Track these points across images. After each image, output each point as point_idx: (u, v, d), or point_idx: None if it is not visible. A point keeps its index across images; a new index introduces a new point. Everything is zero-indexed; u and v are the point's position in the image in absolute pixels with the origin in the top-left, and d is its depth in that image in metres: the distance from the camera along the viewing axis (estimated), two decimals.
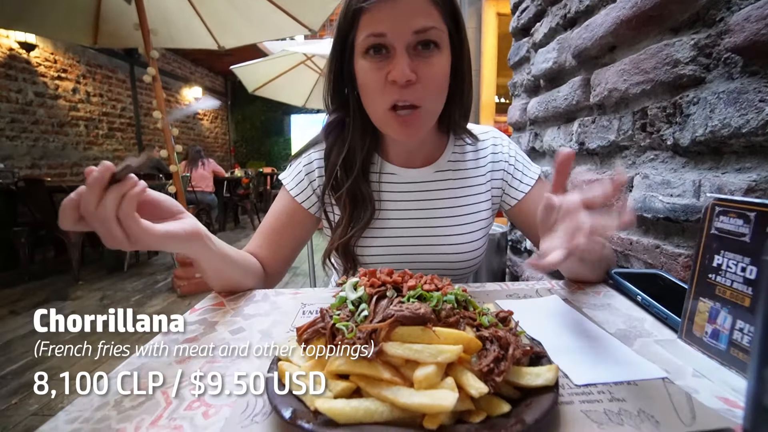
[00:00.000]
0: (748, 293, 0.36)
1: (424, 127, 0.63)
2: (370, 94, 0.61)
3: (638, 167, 0.76)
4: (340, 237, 0.67)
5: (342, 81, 0.65)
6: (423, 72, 0.57)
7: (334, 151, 0.69)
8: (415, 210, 0.70)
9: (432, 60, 0.58)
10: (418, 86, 0.57)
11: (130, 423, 0.31)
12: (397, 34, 0.56)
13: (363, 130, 0.67)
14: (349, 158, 0.68)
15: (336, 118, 0.69)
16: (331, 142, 0.70)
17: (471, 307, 0.36)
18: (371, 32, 0.56)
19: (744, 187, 0.52)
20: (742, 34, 0.52)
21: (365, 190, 0.68)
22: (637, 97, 0.74)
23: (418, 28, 0.56)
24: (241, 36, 3.58)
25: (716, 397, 0.33)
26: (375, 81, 0.58)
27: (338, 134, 0.70)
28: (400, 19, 0.55)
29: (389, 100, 0.58)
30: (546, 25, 1.12)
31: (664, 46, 0.65)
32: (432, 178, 0.71)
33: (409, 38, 0.56)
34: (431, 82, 0.58)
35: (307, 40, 6.42)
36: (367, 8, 0.56)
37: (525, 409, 0.29)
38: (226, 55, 5.52)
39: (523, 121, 1.36)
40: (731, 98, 0.54)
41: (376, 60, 0.58)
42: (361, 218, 0.68)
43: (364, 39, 0.57)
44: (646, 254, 0.72)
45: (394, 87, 0.57)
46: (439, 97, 0.62)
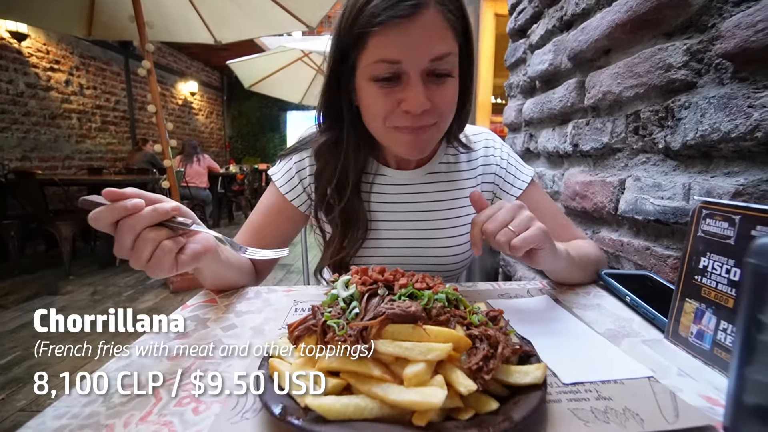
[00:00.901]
0: (732, 294, 0.37)
1: (431, 142, 0.61)
2: (376, 118, 0.57)
3: (630, 169, 0.77)
4: (333, 255, 0.66)
5: (339, 97, 0.61)
6: (437, 98, 0.55)
7: (327, 171, 0.66)
8: (406, 212, 0.70)
9: (445, 86, 0.55)
10: (431, 111, 0.55)
11: (119, 419, 0.31)
12: (412, 61, 0.51)
13: (357, 147, 0.64)
14: (342, 177, 0.65)
15: (328, 139, 0.65)
16: (323, 163, 0.66)
17: (461, 306, 0.36)
18: (383, 58, 0.52)
19: (732, 191, 0.53)
20: (733, 40, 0.52)
21: (358, 209, 0.66)
22: (630, 101, 0.75)
23: (435, 56, 0.52)
24: (238, 31, 3.55)
25: (700, 396, 0.34)
26: (384, 107, 0.55)
27: (331, 155, 0.65)
28: (416, 45, 0.51)
29: (398, 125, 0.56)
30: (542, 27, 1.13)
31: (658, 51, 0.66)
32: (423, 180, 0.71)
33: (424, 65, 0.52)
34: (444, 107, 0.57)
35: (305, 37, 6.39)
36: (377, 31, 0.50)
37: (513, 406, 0.29)
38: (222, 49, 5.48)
39: (518, 122, 1.37)
40: (721, 103, 0.54)
41: (386, 86, 0.54)
42: (354, 236, 0.67)
43: (373, 63, 0.53)
44: (637, 256, 0.73)
45: (406, 115, 0.54)
46: (450, 117, 0.61)
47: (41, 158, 4.39)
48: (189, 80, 7.52)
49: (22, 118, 4.15)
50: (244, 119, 9.17)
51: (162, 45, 6.50)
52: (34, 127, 4.30)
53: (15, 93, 4.06)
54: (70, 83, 4.77)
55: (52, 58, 4.50)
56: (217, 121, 8.84)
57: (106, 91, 5.37)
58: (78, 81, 4.89)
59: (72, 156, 4.80)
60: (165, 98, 6.76)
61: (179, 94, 7.30)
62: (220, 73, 8.75)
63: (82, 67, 4.95)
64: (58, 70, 4.59)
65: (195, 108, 7.86)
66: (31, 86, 4.25)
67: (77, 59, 4.87)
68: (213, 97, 8.61)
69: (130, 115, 5.87)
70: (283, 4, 3.17)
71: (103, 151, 5.29)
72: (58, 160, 4.62)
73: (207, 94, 8.30)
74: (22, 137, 4.16)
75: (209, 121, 8.45)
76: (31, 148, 4.26)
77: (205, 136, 8.25)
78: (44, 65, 4.40)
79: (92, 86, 5.12)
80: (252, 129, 9.20)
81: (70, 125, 4.78)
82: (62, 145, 4.68)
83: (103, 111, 5.33)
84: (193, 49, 7.17)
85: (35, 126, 4.31)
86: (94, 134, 5.15)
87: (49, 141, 4.50)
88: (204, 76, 8.20)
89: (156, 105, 2.85)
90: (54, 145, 4.56)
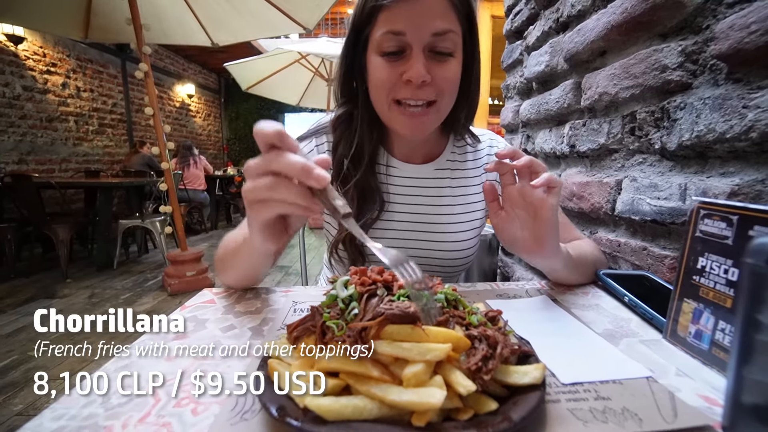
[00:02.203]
0: (730, 294, 0.37)
1: (431, 124, 0.63)
2: (380, 90, 0.61)
3: (627, 170, 0.77)
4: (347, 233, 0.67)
5: (352, 74, 0.66)
6: (437, 74, 0.58)
7: (342, 143, 0.69)
8: (414, 205, 0.72)
9: (447, 63, 0.59)
10: (431, 87, 0.58)
11: (118, 420, 0.31)
12: (415, 33, 0.56)
13: (371, 123, 0.68)
14: (357, 151, 0.68)
15: (344, 111, 0.69)
16: (339, 134, 0.70)
17: (460, 306, 0.36)
18: (389, 29, 0.57)
19: (727, 191, 0.53)
20: (727, 41, 0.53)
21: (374, 184, 0.69)
22: (626, 101, 0.76)
23: (437, 30, 0.56)
24: (235, 33, 3.55)
25: (698, 396, 0.34)
26: (388, 78, 0.59)
27: (346, 127, 0.70)
28: (419, 19, 0.56)
29: (399, 96, 0.59)
30: (539, 29, 1.13)
31: (653, 52, 0.67)
32: (431, 175, 0.73)
33: (427, 39, 0.56)
34: (444, 84, 0.59)
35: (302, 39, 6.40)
36: (386, 5, 0.56)
37: (512, 406, 0.29)
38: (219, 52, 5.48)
39: (515, 123, 1.37)
40: (716, 104, 0.55)
41: (391, 59, 0.58)
42: (370, 211, 0.68)
43: (381, 35, 0.58)
44: (634, 256, 0.73)
45: (407, 86, 0.58)
46: (450, 98, 0.63)
47: (38, 161, 4.37)
48: (186, 82, 7.51)
49: (19, 121, 4.13)
50: (241, 121, 9.16)
51: (159, 47, 6.50)
52: (31, 130, 4.28)
53: (11, 96, 4.04)
54: (67, 86, 4.76)
55: (48, 61, 4.49)
56: (215, 124, 8.83)
57: (103, 94, 5.36)
58: (75, 84, 4.87)
59: (69, 159, 4.78)
60: (162, 101, 6.75)
61: (176, 97, 7.29)
62: (218, 75, 8.75)
63: (79, 70, 4.94)
64: (54, 73, 4.58)
65: (192, 110, 7.85)
66: (28, 89, 4.24)
67: (74, 62, 4.86)
68: (210, 99, 8.60)
69: (127, 118, 5.86)
70: (279, 6, 3.17)
71: (100, 154, 5.27)
72: (55, 163, 4.60)
73: (204, 97, 8.29)
74: (19, 140, 4.15)
75: (207, 123, 8.43)
76: (27, 151, 4.24)
77: (203, 138, 8.23)
78: (41, 68, 4.39)
79: (89, 89, 5.11)
80: (250, 131, 8.89)
81: (67, 128, 4.76)
82: (59, 148, 4.66)
83: (100, 114, 5.31)
84: (190, 52, 7.16)
85: (32, 129, 4.29)
86: (91, 137, 5.14)
87: (46, 144, 4.48)
88: (201, 78, 8.20)
89: (153, 107, 2.84)
90: (51, 148, 4.54)
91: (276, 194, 0.37)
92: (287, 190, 0.37)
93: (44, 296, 2.98)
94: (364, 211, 0.68)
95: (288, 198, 0.37)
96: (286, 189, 0.37)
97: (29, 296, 2.97)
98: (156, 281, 3.38)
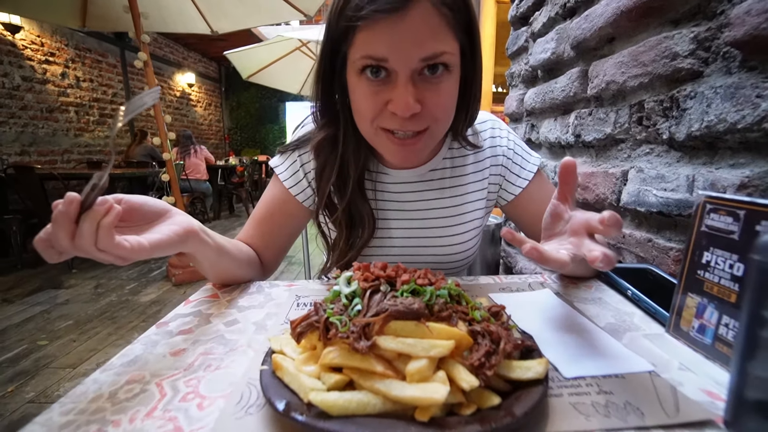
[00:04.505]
0: (735, 290, 0.37)
1: (424, 151, 0.57)
2: (364, 118, 0.54)
3: (633, 161, 0.76)
4: (339, 259, 0.65)
5: (332, 90, 0.58)
6: (429, 100, 0.50)
7: (326, 170, 0.63)
8: (410, 211, 0.68)
9: (440, 86, 0.50)
10: (422, 115, 0.51)
11: (125, 414, 0.32)
12: (400, 60, 0.47)
13: (357, 145, 0.61)
14: (342, 177, 0.62)
15: (326, 135, 0.62)
16: (322, 161, 0.63)
17: (464, 302, 0.36)
18: (369, 55, 0.48)
19: (737, 183, 0.52)
20: (743, 27, 0.51)
21: (362, 208, 0.63)
22: (634, 90, 0.74)
23: (426, 55, 0.47)
24: (235, 20, 3.49)
25: (700, 390, 0.34)
26: (371, 107, 0.51)
27: (330, 152, 0.62)
28: (404, 44, 0.46)
29: (386, 126, 0.52)
30: (545, 15, 1.10)
31: (664, 39, 0.65)
32: (427, 177, 0.68)
33: (414, 65, 0.48)
34: (438, 110, 0.52)
35: (303, 26, 6.30)
36: (363, 26, 0.46)
37: (515, 401, 0.29)
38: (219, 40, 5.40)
39: (519, 112, 1.35)
40: (728, 93, 0.54)
41: (374, 83, 0.50)
42: (360, 236, 0.64)
43: (360, 59, 0.49)
44: (639, 248, 0.73)
45: (394, 117, 0.50)
46: (446, 122, 0.56)
47: (40, 152, 4.37)
48: (186, 71, 7.44)
49: (20, 112, 4.12)
50: (242, 110, 9.10)
51: (158, 36, 6.42)
52: (32, 120, 4.27)
53: (11, 86, 4.02)
54: (67, 76, 4.73)
55: (47, 50, 4.45)
56: (216, 113, 8.78)
57: (102, 84, 5.33)
58: (74, 74, 4.84)
59: (71, 150, 4.78)
60: (162, 90, 6.70)
61: (177, 86, 7.23)
62: (218, 64, 8.66)
63: (77, 60, 4.89)
64: (53, 63, 4.54)
65: (193, 100, 7.79)
66: (27, 79, 4.21)
67: (72, 51, 4.81)
68: (211, 88, 8.53)
69: None
70: None
71: (102, 145, 5.26)
72: (57, 154, 4.60)
73: (205, 86, 8.23)
74: (20, 131, 4.14)
75: (208, 113, 8.38)
76: (29, 142, 4.24)
77: (204, 128, 8.20)
78: (39, 58, 4.35)
79: (89, 79, 5.07)
80: (251, 120, 9.14)
81: (67, 118, 4.75)
82: (60, 138, 4.65)
83: (101, 104, 5.29)
84: (190, 40, 7.08)
85: (33, 120, 4.28)
86: (92, 127, 5.12)
87: (48, 135, 4.47)
88: (201, 67, 8.11)
89: None
90: (52, 139, 4.54)
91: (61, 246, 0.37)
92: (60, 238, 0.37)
93: (51, 287, 3.02)
94: (354, 235, 0.64)
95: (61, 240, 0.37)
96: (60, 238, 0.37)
97: (36, 287, 3.01)
98: (160, 271, 3.41)
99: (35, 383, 1.75)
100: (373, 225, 0.64)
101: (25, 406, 1.61)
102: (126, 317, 2.42)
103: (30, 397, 1.67)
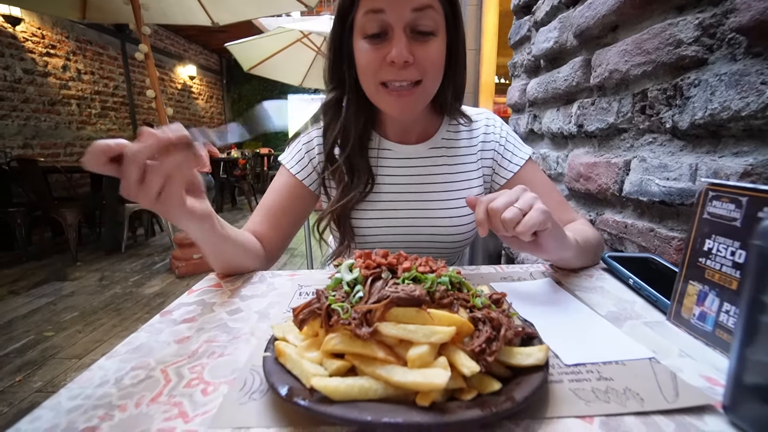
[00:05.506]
0: (736, 276, 0.37)
1: (418, 103, 0.65)
2: (366, 73, 0.63)
3: (636, 150, 0.76)
4: (335, 203, 0.70)
5: (341, 59, 0.68)
6: (420, 54, 0.60)
7: (331, 127, 0.72)
8: (409, 185, 0.74)
9: (429, 44, 0.61)
10: (415, 67, 0.60)
11: (131, 400, 0.32)
12: (395, 10, 0.58)
13: (358, 107, 0.70)
14: (345, 134, 0.71)
15: (333, 96, 0.71)
16: (328, 120, 0.73)
17: (465, 289, 0.36)
18: (369, 8, 0.59)
19: (740, 171, 0.52)
20: (749, 13, 0.50)
21: (361, 163, 0.71)
22: (637, 79, 0.73)
23: (416, 6, 0.58)
24: (236, 12, 3.46)
25: (700, 376, 0.35)
26: (373, 61, 0.61)
27: (335, 112, 0.72)
28: None
29: (384, 78, 0.62)
30: (548, 3, 1.09)
31: (668, 26, 0.64)
32: (426, 155, 0.74)
33: (407, 16, 0.58)
34: (428, 63, 0.61)
35: (304, 17, 6.23)
36: None
37: (515, 387, 0.30)
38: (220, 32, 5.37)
39: (522, 103, 1.34)
40: (732, 80, 0.53)
41: (375, 42, 0.61)
42: (358, 188, 0.70)
43: (363, 16, 0.60)
44: (641, 237, 0.73)
45: (391, 67, 0.60)
46: (436, 78, 0.65)
47: (43, 145, 4.38)
48: (187, 64, 7.40)
49: (22, 105, 4.12)
50: (244, 103, 9.06)
51: (158, 28, 6.37)
52: (34, 114, 4.27)
53: (13, 79, 4.02)
54: (68, 68, 4.71)
55: (47, 42, 4.43)
56: (217, 105, 8.75)
57: (104, 77, 5.31)
58: (75, 66, 4.82)
59: (73, 143, 4.79)
60: (164, 82, 6.68)
61: (178, 78, 7.20)
62: (219, 56, 8.60)
63: (78, 52, 4.87)
64: (54, 55, 4.52)
65: (194, 92, 7.76)
66: (29, 72, 4.20)
67: (73, 44, 4.79)
68: (212, 80, 8.48)
69: (129, 101, 5.81)
70: None
71: (104, 137, 5.25)
72: (60, 147, 4.61)
73: (206, 78, 8.18)
74: (23, 124, 4.15)
75: (209, 105, 8.35)
76: (32, 135, 4.25)
77: (206, 120, 8.18)
78: (40, 50, 4.34)
79: (90, 71, 5.05)
80: None
81: (69, 111, 4.74)
82: (63, 131, 4.66)
83: (102, 96, 5.27)
84: (191, 32, 7.02)
85: (35, 113, 4.28)
86: (94, 120, 5.12)
87: (50, 128, 4.48)
88: (202, 59, 8.06)
89: (155, 90, 2.81)
90: (55, 132, 4.54)
91: (157, 177, 0.40)
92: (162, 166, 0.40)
93: (56, 279, 3.05)
94: (353, 187, 0.70)
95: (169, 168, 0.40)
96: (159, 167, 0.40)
97: (42, 279, 3.04)
98: (164, 264, 3.44)
99: (42, 373, 1.78)
100: (370, 180, 0.71)
101: (33, 395, 1.64)
102: (130, 309, 2.45)
103: (37, 386, 1.70)
